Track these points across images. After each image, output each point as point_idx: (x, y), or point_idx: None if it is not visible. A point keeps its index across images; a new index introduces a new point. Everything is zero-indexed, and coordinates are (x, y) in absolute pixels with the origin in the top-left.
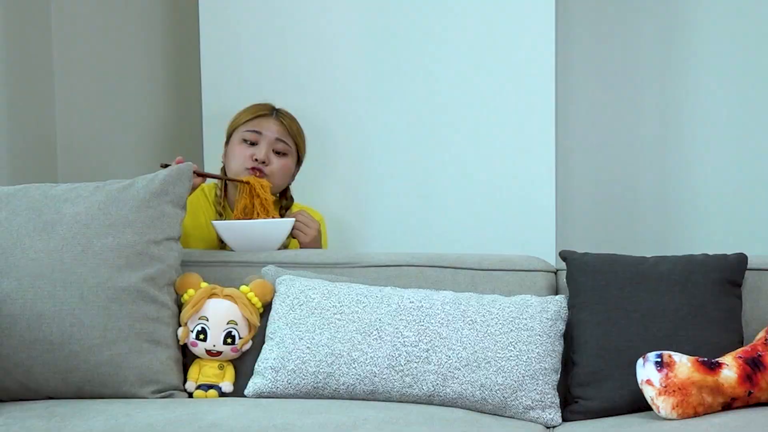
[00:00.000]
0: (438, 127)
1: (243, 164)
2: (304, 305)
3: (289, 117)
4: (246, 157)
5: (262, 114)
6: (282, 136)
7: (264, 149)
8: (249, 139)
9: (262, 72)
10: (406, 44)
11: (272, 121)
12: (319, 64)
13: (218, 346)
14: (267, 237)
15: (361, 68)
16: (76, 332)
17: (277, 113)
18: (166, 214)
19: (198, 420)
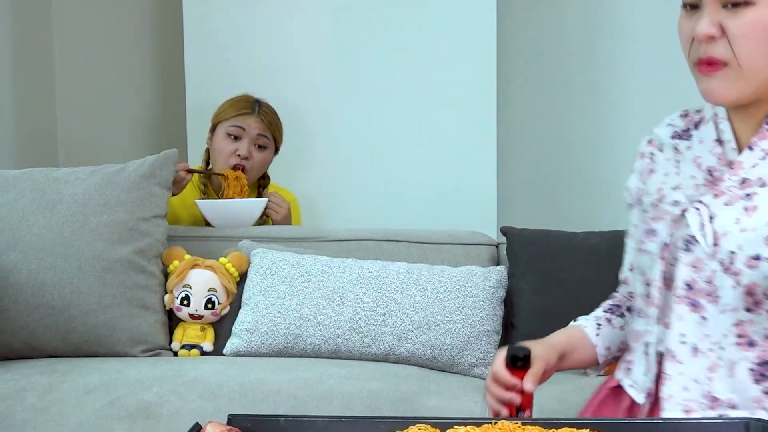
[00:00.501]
0: (396, 119)
1: (227, 160)
2: (275, 275)
3: (270, 111)
4: (230, 153)
5: (245, 111)
6: (263, 132)
7: (246, 145)
8: (233, 134)
9: (241, 68)
10: (369, 45)
11: (254, 118)
12: (293, 62)
13: (200, 311)
14: (242, 215)
15: (330, 66)
16: (75, 299)
17: (260, 109)
18: (154, 194)
19: (182, 376)
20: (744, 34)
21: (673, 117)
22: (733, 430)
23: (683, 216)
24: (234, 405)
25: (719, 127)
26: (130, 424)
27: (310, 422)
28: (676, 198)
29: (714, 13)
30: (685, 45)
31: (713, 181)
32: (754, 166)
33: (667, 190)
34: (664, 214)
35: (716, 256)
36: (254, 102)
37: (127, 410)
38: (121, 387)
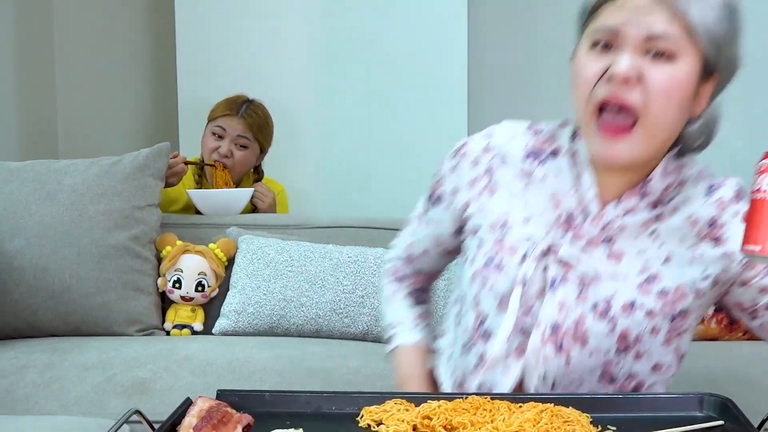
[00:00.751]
0: (376, 116)
1: (210, 156)
2: (261, 260)
3: (256, 114)
4: (212, 150)
5: (228, 113)
6: (243, 133)
7: (227, 145)
8: (216, 133)
9: (230, 66)
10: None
11: (236, 120)
12: (280, 60)
13: (191, 293)
14: (230, 203)
15: (316, 66)
16: (74, 282)
17: (244, 111)
18: (148, 185)
19: (174, 354)
20: (662, 87)
21: (518, 126)
22: (688, 404)
23: (544, 257)
24: (222, 381)
25: (578, 169)
26: (125, 399)
27: (293, 397)
28: (531, 234)
29: (635, 57)
30: (585, 84)
31: (569, 222)
32: (616, 217)
33: (515, 219)
34: (515, 250)
35: (588, 301)
36: (241, 104)
37: (123, 386)
38: (117, 364)
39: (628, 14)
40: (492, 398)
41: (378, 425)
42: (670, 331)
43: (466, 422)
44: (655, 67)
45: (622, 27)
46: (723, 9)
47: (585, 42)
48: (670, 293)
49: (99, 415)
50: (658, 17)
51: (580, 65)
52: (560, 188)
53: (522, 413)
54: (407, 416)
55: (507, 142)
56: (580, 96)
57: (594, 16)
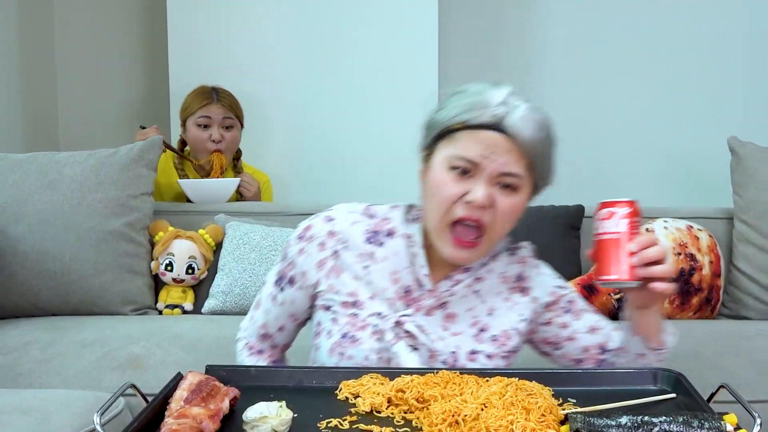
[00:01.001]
0: (352, 109)
1: (205, 146)
2: (247, 244)
3: (227, 95)
4: (205, 140)
5: (207, 102)
6: (227, 115)
7: (216, 130)
8: (202, 124)
9: (217, 62)
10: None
11: (216, 106)
12: (261, 53)
13: (182, 276)
14: (218, 192)
15: (293, 60)
16: (74, 265)
17: (218, 97)
18: (142, 175)
19: (166, 331)
20: (507, 212)
21: (355, 211)
22: (643, 379)
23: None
24: (211, 357)
25: (411, 251)
26: (120, 374)
27: (276, 372)
28: (378, 310)
29: (489, 187)
30: (445, 202)
31: (408, 295)
32: (448, 288)
33: (363, 297)
34: (366, 326)
35: (437, 359)
36: (211, 91)
37: (119, 361)
38: (113, 341)
39: (486, 151)
40: (461, 373)
41: (355, 398)
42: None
43: (437, 395)
44: (503, 196)
45: (481, 161)
46: (550, 140)
47: (443, 162)
48: (499, 338)
49: (96, 388)
50: (511, 158)
51: (441, 184)
52: (398, 266)
53: (489, 386)
54: (382, 389)
55: (348, 227)
56: (437, 208)
57: (450, 138)
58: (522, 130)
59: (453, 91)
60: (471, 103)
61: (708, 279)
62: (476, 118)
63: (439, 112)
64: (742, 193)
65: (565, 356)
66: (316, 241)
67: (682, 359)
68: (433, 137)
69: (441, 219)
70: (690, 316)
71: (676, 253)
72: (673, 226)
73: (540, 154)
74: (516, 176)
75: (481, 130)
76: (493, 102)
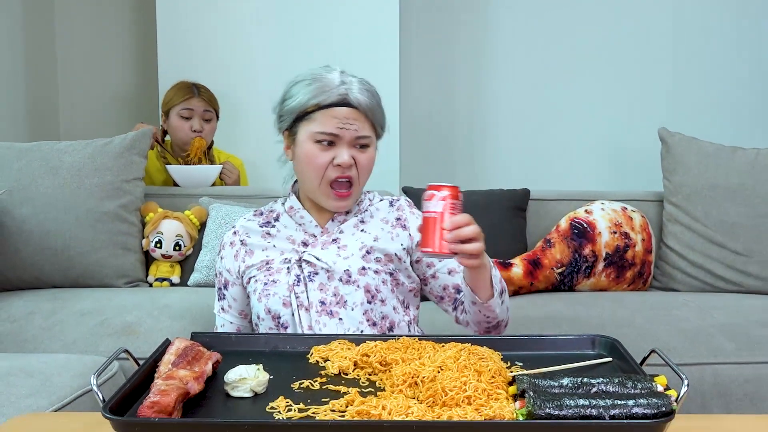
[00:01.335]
0: None
1: (188, 135)
2: (228, 224)
3: (206, 90)
4: (187, 130)
5: (189, 96)
6: (207, 108)
7: (197, 121)
8: (184, 115)
9: (202, 55)
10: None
11: (197, 99)
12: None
13: (170, 252)
14: (202, 178)
15: (271, 53)
16: (73, 243)
17: (199, 92)
18: (134, 162)
19: (156, 301)
20: (366, 164)
21: (248, 217)
22: (582, 344)
23: (298, 264)
24: (196, 325)
25: (297, 215)
26: (115, 340)
27: (254, 338)
28: (287, 257)
29: (350, 150)
30: (318, 169)
31: (305, 245)
32: (336, 227)
33: (273, 258)
34: (280, 269)
35: (335, 278)
36: (192, 86)
37: (114, 329)
38: (108, 311)
39: (341, 123)
40: (420, 339)
41: (325, 361)
42: (392, 282)
43: (398, 359)
44: (360, 154)
45: (339, 132)
46: (379, 101)
47: (308, 138)
48: (382, 258)
49: (94, 353)
50: (359, 124)
51: (312, 156)
52: (291, 231)
53: (444, 351)
54: (349, 354)
55: (246, 223)
56: (314, 174)
57: (308, 119)
58: (362, 101)
59: (293, 81)
60: (317, 88)
61: (641, 255)
62: (326, 100)
63: (290, 100)
64: (671, 178)
65: (431, 292)
66: (226, 245)
67: (618, 327)
68: (292, 120)
69: (320, 182)
70: (624, 288)
71: (612, 231)
72: (610, 208)
73: (377, 114)
74: (367, 137)
75: (332, 107)
76: (334, 83)
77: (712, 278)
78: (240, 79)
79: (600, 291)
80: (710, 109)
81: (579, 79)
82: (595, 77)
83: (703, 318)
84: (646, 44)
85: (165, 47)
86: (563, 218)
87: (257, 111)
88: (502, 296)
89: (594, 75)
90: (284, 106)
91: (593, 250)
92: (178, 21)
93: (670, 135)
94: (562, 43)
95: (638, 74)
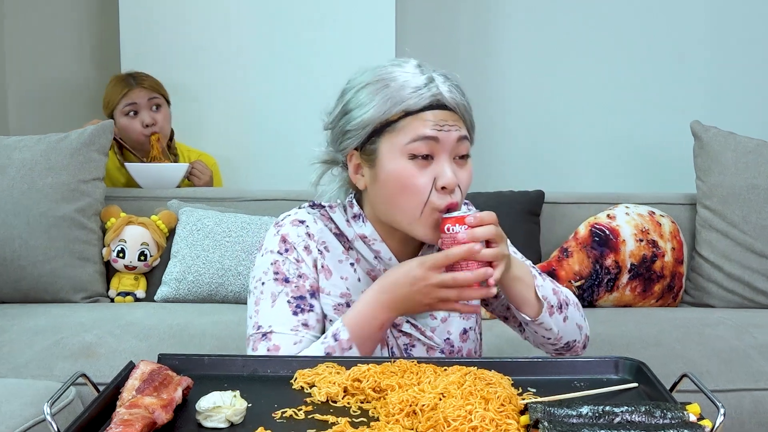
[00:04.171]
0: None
1: (141, 132)
2: (200, 230)
3: (144, 76)
4: (137, 127)
5: (127, 89)
6: (151, 96)
7: (146, 114)
8: (130, 111)
9: (169, 44)
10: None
11: (138, 89)
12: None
13: (134, 262)
14: (166, 177)
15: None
16: (24, 251)
17: (136, 81)
18: (93, 159)
19: (118, 319)
20: (466, 181)
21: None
22: (604, 367)
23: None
24: (164, 345)
25: (373, 248)
26: (72, 362)
27: (231, 361)
28: None
29: (452, 165)
30: (420, 194)
31: None
32: None
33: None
34: None
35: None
36: (127, 76)
37: (71, 350)
38: (65, 329)
39: (438, 125)
40: (419, 362)
41: (311, 387)
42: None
43: (394, 384)
44: (460, 170)
45: (438, 134)
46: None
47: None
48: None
49: (47, 377)
50: (458, 124)
51: (408, 176)
52: (369, 265)
53: (447, 376)
54: (338, 379)
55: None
56: (414, 203)
57: (392, 130)
58: (455, 98)
59: (355, 86)
60: (397, 90)
61: (670, 266)
62: (417, 103)
63: (359, 109)
64: (705, 178)
65: (495, 312)
66: (300, 246)
67: (644, 347)
68: (368, 134)
69: (421, 210)
70: (652, 304)
71: (638, 239)
72: (635, 212)
73: (470, 112)
74: (467, 140)
75: (423, 111)
76: (420, 82)
77: (752, 292)
78: (213, 69)
79: (624, 307)
80: (750, 99)
81: (599, 65)
82: (618, 63)
83: (741, 338)
84: (677, 26)
85: (128, 33)
86: (582, 224)
87: (231, 103)
88: (562, 311)
89: (617, 61)
90: (351, 118)
91: (616, 260)
92: (143, 4)
93: (705, 129)
94: (581, 24)
95: (668, 60)
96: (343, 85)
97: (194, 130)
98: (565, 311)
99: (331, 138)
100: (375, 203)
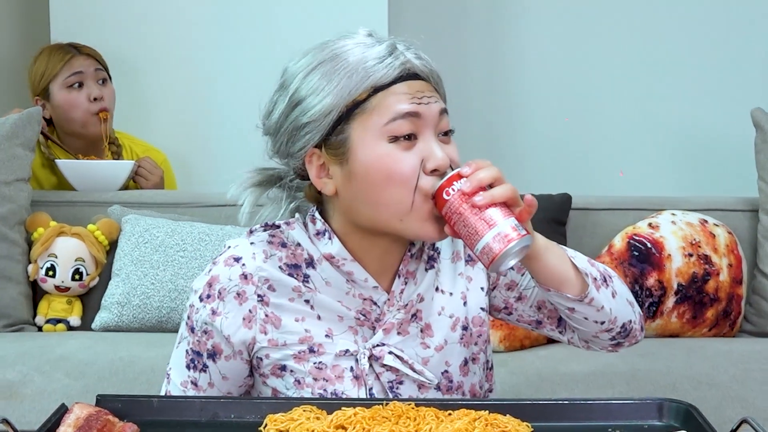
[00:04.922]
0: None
1: (87, 109)
2: (148, 243)
3: (90, 48)
4: (83, 101)
5: (71, 55)
6: (97, 66)
7: (94, 86)
8: (74, 82)
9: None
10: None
11: (83, 58)
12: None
13: (66, 282)
14: (106, 177)
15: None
16: None
17: (79, 50)
18: (17, 156)
19: (47, 353)
20: (458, 163)
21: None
22: (645, 412)
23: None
24: (103, 384)
25: (344, 269)
26: None
27: (186, 403)
28: (344, 347)
29: (437, 143)
30: (409, 180)
31: (367, 317)
32: (401, 291)
33: (319, 338)
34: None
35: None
36: (68, 45)
37: None
38: None
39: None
40: (417, 405)
41: None
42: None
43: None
44: (449, 148)
45: (418, 108)
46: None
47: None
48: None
49: None
50: (434, 95)
51: (392, 161)
52: (337, 291)
53: (452, 422)
54: (318, 426)
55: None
56: (403, 193)
57: (362, 111)
58: (426, 65)
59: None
60: (357, 65)
61: (726, 287)
62: (387, 75)
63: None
64: None
65: (522, 320)
66: (230, 294)
67: (695, 387)
68: (332, 124)
69: (412, 201)
70: (704, 333)
71: (687, 254)
72: (683, 221)
73: (442, 82)
74: (446, 113)
75: (395, 84)
76: (383, 51)
77: None
78: (161, 47)
79: (670, 337)
80: None
81: (637, 45)
82: (660, 45)
83: None
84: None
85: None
86: (618, 235)
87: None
88: (608, 285)
89: (657, 42)
90: (305, 109)
91: (660, 279)
92: None
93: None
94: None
95: (722, 36)
96: (280, 77)
97: (139, 119)
98: (611, 285)
99: (276, 143)
100: (352, 207)
